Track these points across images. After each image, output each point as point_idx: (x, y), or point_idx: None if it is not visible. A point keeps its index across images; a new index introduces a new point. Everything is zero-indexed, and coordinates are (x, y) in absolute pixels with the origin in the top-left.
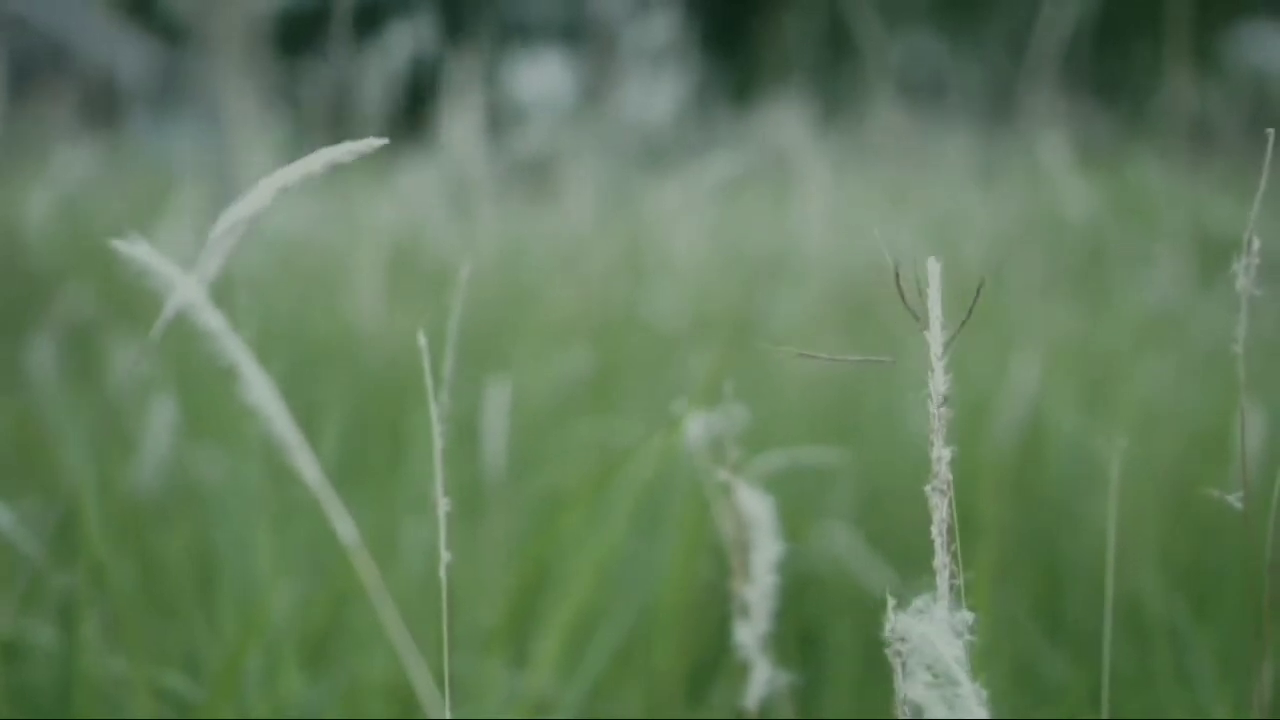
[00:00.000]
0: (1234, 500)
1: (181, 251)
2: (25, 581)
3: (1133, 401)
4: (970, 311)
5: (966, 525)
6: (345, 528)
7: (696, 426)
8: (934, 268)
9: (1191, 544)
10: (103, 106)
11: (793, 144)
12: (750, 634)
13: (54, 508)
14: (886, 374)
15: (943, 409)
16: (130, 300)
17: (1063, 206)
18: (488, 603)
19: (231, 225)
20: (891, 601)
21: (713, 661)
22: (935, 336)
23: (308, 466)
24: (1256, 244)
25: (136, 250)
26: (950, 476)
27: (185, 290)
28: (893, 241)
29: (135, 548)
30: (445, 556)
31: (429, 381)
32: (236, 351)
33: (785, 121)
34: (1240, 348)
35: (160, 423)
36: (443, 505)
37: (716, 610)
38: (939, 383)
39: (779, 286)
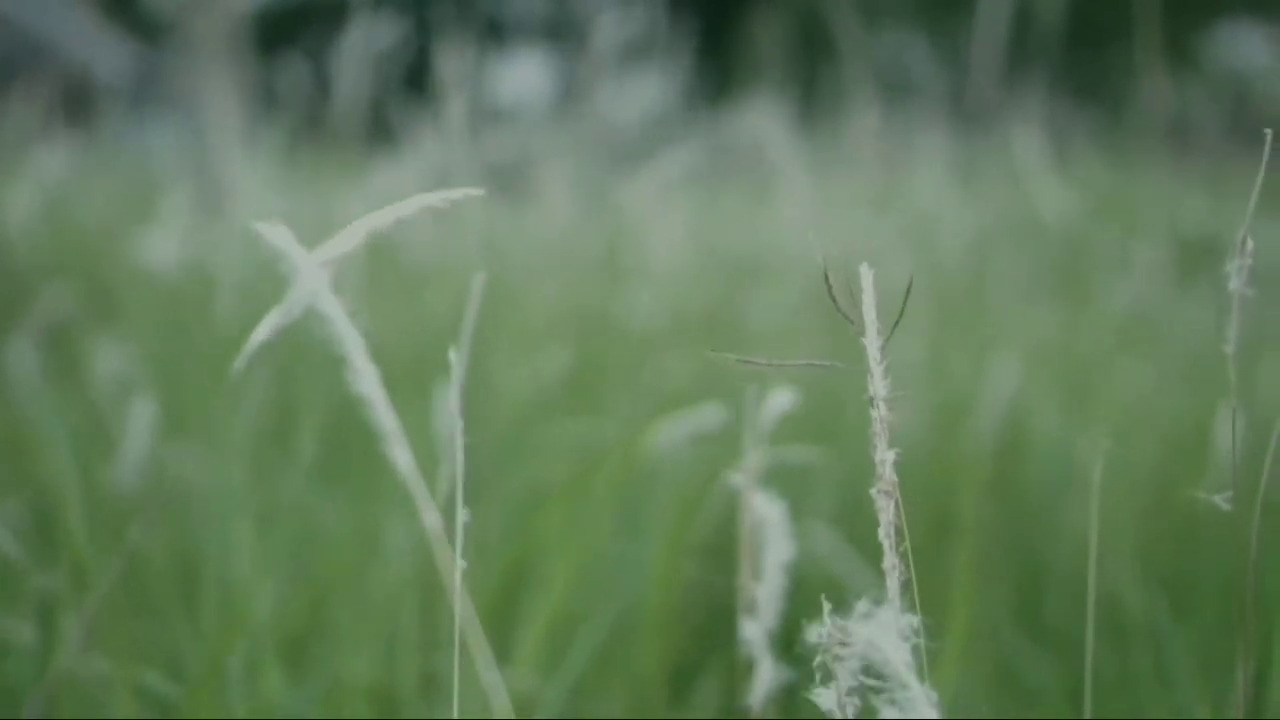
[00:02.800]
0: (1222, 501)
1: (170, 252)
2: (5, 580)
3: (1111, 403)
4: (900, 315)
5: (947, 526)
6: (432, 518)
7: (680, 427)
8: (866, 274)
9: (1170, 545)
10: (82, 105)
11: (771, 144)
12: (757, 632)
13: (34, 507)
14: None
15: (883, 412)
16: (112, 299)
17: (1040, 207)
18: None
19: (325, 261)
20: (827, 606)
21: (696, 662)
22: (872, 341)
23: (403, 459)
24: (1251, 245)
25: (273, 234)
26: (895, 479)
27: (310, 278)
28: (871, 242)
29: (116, 547)
30: (460, 564)
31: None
32: (350, 342)
33: (764, 122)
34: (1231, 348)
35: (141, 422)
36: (461, 515)
37: (700, 610)
38: (878, 386)
39: (758, 287)
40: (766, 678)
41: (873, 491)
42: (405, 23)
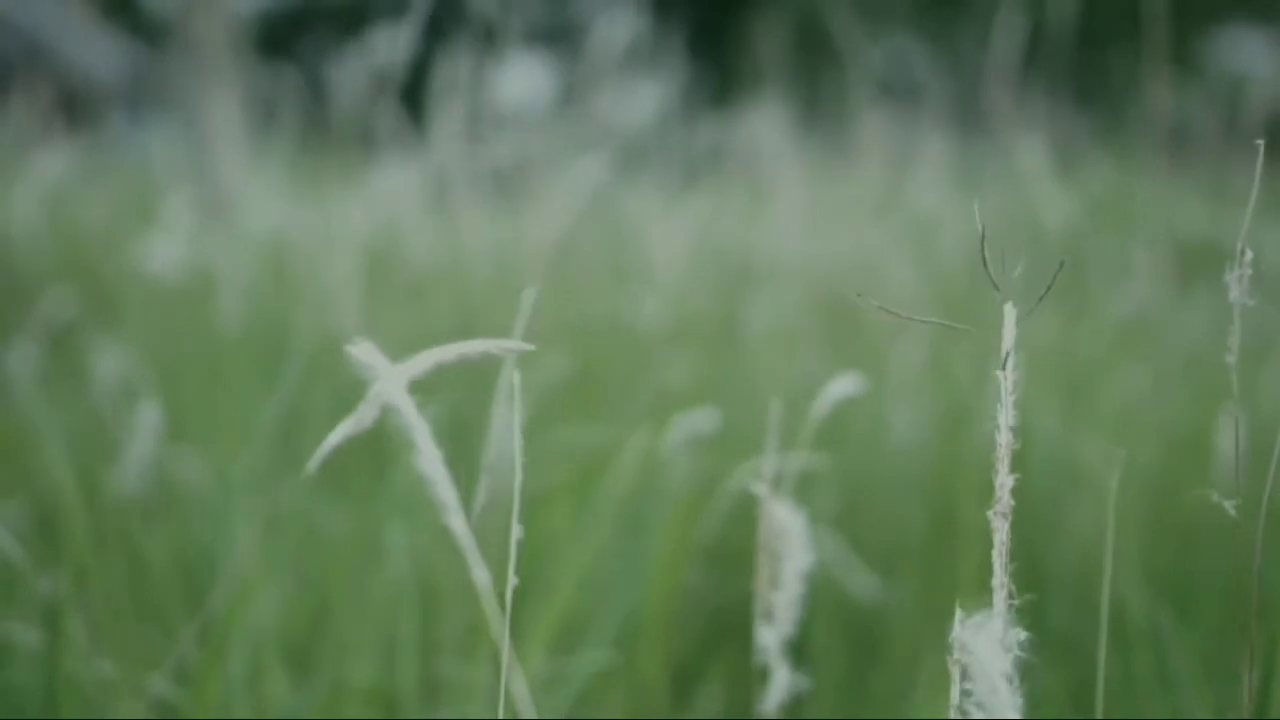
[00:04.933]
0: (1229, 506)
1: (171, 256)
2: (8, 583)
3: (1113, 407)
4: (1043, 294)
5: (949, 530)
6: (481, 574)
7: (682, 430)
8: (1010, 313)
9: (1172, 549)
10: (81, 107)
11: (773, 148)
12: (773, 638)
13: (37, 510)
14: (868, 380)
15: (1008, 439)
16: (113, 302)
17: (1042, 212)
18: (472, 606)
19: (378, 398)
20: (960, 614)
21: (699, 667)
22: (1007, 375)
23: (462, 530)
24: (1250, 255)
25: (362, 351)
26: (1013, 503)
27: (389, 386)
28: (872, 246)
29: (120, 550)
30: (512, 581)
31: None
32: (420, 436)
33: (765, 125)
34: (1232, 357)
35: (145, 425)
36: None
37: (702, 615)
38: (1008, 416)
39: (759, 291)
40: (782, 684)
41: (989, 514)
42: (407, 28)
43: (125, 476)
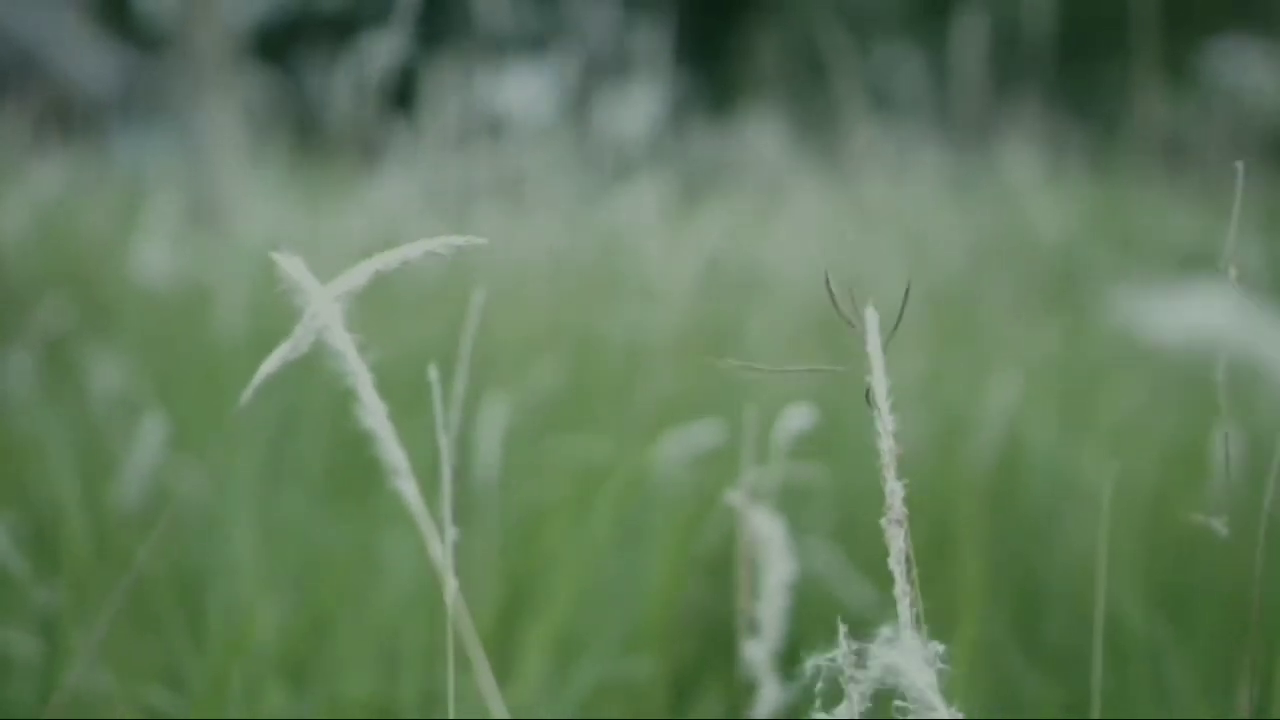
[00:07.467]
0: (1219, 525)
1: (166, 266)
2: (7, 595)
3: (1109, 420)
4: (898, 321)
5: (947, 544)
6: (436, 548)
7: (681, 443)
8: (872, 318)
9: (1169, 562)
10: (76, 116)
11: (770, 158)
12: (760, 652)
13: (35, 522)
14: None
15: (890, 444)
16: (109, 313)
17: (1036, 223)
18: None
19: (337, 295)
20: (843, 628)
21: (697, 679)
22: (879, 379)
23: (411, 494)
24: (1234, 273)
25: (290, 266)
26: (905, 511)
27: (324, 310)
28: (867, 258)
29: (118, 563)
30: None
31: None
32: (359, 375)
33: (762, 136)
34: (1220, 374)
35: (145, 437)
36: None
37: (701, 627)
38: (886, 421)
39: (755, 304)
40: (771, 698)
41: (883, 521)
42: (402, 37)
43: (125, 489)
